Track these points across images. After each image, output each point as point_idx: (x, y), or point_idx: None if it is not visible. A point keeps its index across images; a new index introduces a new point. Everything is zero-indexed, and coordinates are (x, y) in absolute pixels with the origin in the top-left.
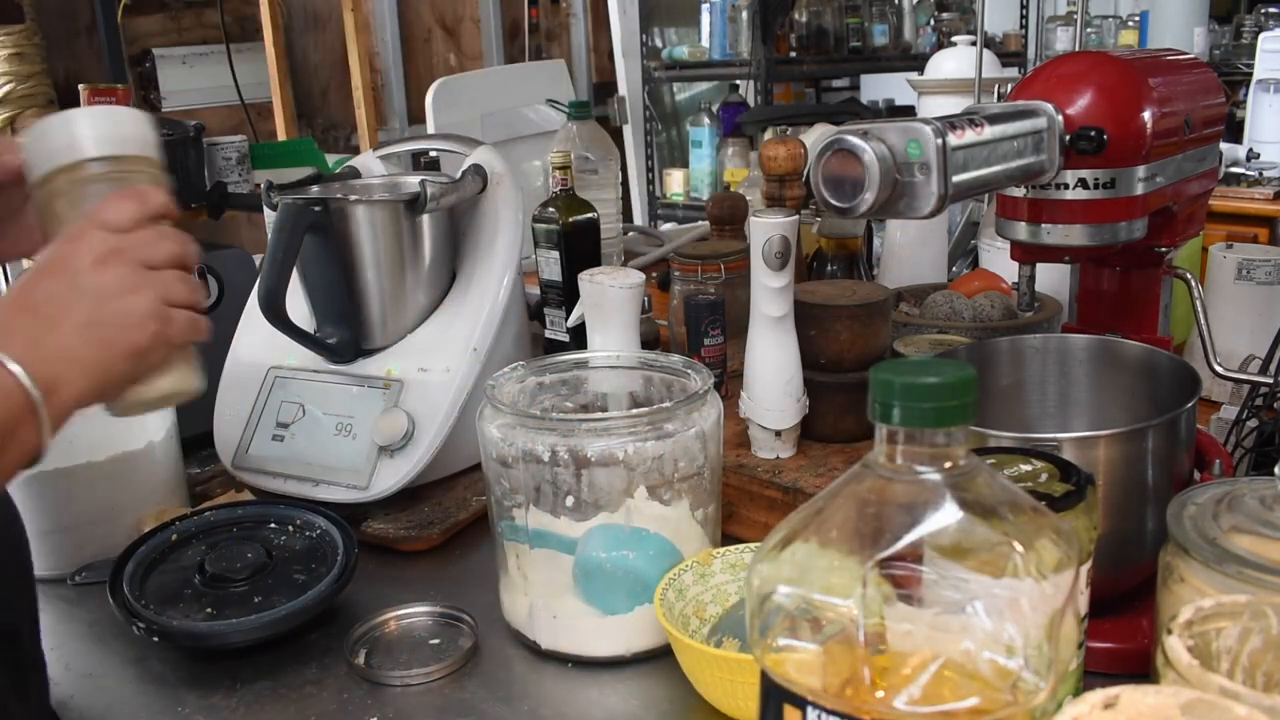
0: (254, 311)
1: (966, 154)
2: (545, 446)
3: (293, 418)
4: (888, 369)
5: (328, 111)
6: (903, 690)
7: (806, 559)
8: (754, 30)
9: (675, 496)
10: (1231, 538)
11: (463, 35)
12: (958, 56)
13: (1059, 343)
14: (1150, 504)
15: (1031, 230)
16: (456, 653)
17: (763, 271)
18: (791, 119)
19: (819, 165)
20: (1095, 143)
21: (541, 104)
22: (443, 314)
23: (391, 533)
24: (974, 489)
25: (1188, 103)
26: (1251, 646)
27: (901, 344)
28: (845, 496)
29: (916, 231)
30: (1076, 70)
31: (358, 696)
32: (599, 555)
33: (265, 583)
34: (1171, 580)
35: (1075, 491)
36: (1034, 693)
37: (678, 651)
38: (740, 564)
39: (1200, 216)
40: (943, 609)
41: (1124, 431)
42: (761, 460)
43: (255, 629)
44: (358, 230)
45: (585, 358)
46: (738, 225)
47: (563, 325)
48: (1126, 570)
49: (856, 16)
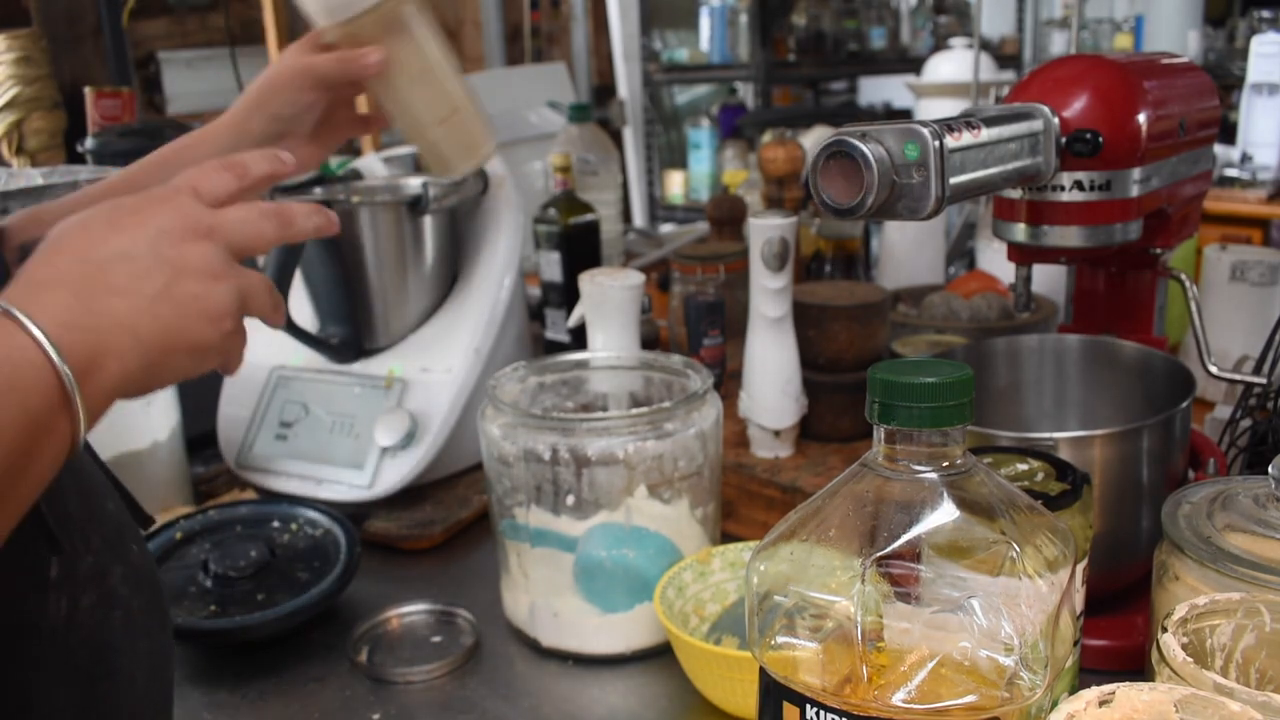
0: None
1: (964, 156)
2: (546, 446)
3: (296, 417)
4: (885, 369)
5: None
6: (900, 687)
7: (805, 557)
8: (753, 33)
9: (675, 495)
10: (1226, 536)
11: (464, 38)
12: (955, 59)
13: (1055, 343)
14: (1145, 503)
15: (1028, 232)
16: (458, 650)
17: (761, 273)
18: (790, 121)
19: (817, 167)
20: (1091, 145)
21: (542, 106)
22: (444, 314)
23: (394, 531)
24: (971, 488)
25: (1182, 105)
26: (1245, 644)
27: (899, 344)
28: (843, 495)
29: (914, 233)
30: (1072, 73)
31: (360, 693)
32: (599, 554)
33: (268, 581)
34: (1166, 578)
35: (1071, 490)
36: (1030, 690)
37: (677, 649)
38: (739, 562)
39: (1195, 218)
40: (940, 607)
41: (1119, 431)
42: (760, 459)
43: (259, 626)
44: (360, 231)
45: (586, 358)
46: (737, 226)
47: (563, 326)
48: (1122, 568)
49: (854, 20)
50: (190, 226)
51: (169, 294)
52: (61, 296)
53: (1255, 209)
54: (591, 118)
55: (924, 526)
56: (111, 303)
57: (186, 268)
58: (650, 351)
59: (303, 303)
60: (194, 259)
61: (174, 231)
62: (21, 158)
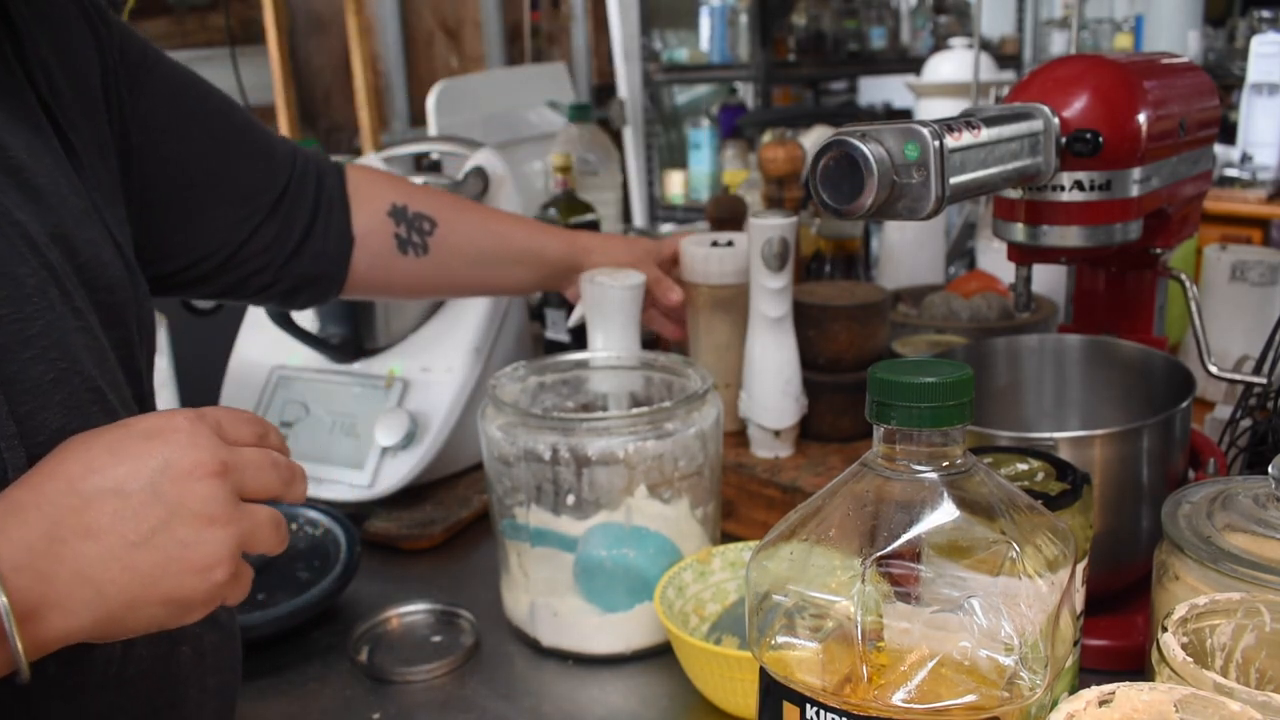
0: (258, 311)
1: (964, 156)
2: (546, 445)
3: (296, 417)
4: (886, 369)
5: (331, 114)
6: (900, 687)
7: (805, 557)
8: (753, 33)
9: (675, 495)
10: (1226, 536)
11: (464, 38)
12: (955, 59)
13: (1055, 343)
14: (1145, 503)
15: (1028, 232)
16: (458, 650)
17: (762, 273)
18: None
19: (817, 167)
20: (1091, 145)
21: (542, 106)
22: (444, 314)
23: (394, 531)
24: (971, 488)
25: (1182, 105)
26: (1245, 643)
27: (899, 344)
28: (843, 495)
29: (914, 233)
30: (1072, 73)
31: (360, 693)
32: (599, 553)
33: (269, 580)
34: (1166, 578)
35: (1071, 490)
36: (1030, 690)
37: (677, 649)
38: (739, 562)
39: (1195, 218)
40: (940, 607)
41: (1119, 431)
42: (760, 459)
43: (259, 626)
44: None
45: (586, 358)
46: (737, 226)
47: (563, 325)
48: (1122, 568)
49: (854, 20)
50: (202, 462)
51: (153, 540)
52: (29, 531)
53: (1255, 209)
54: (591, 118)
55: (924, 526)
56: (81, 548)
57: (183, 509)
58: (650, 351)
59: None
60: (195, 500)
61: (181, 466)
62: None
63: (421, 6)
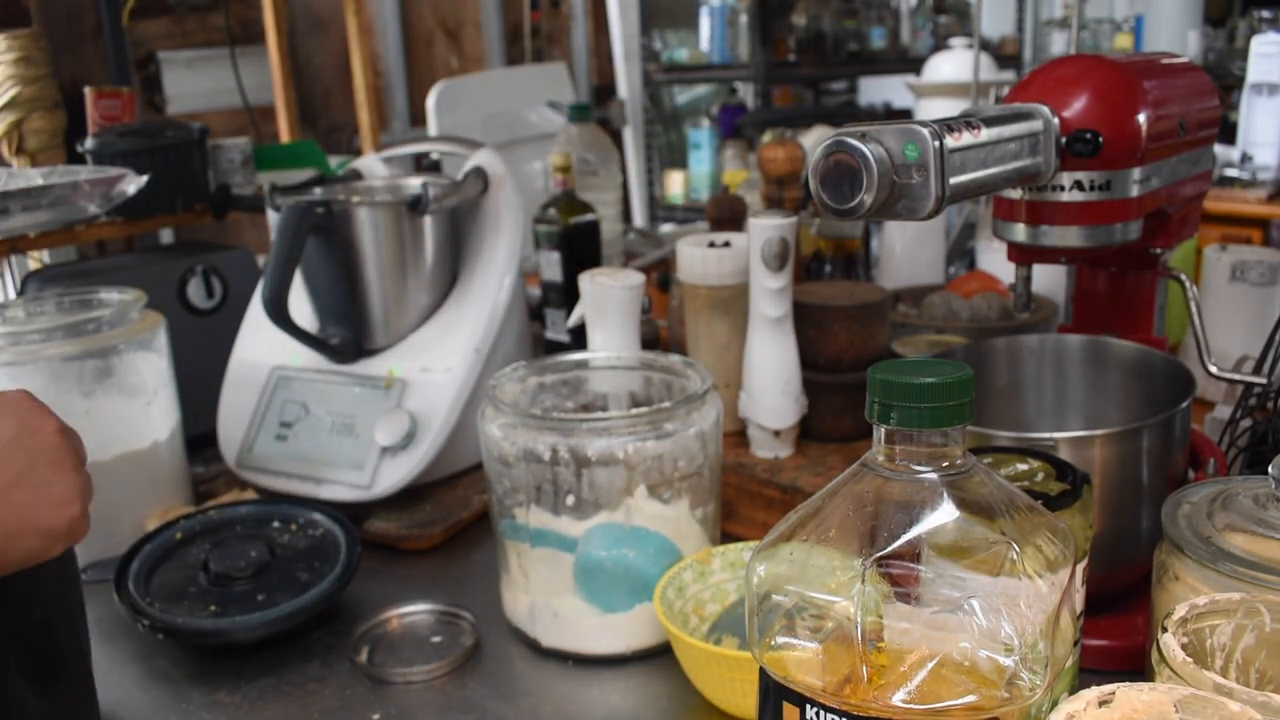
0: (257, 312)
1: (964, 156)
2: (546, 446)
3: (296, 417)
4: (886, 369)
5: (330, 114)
6: (900, 688)
7: (805, 557)
8: (753, 33)
9: (675, 495)
10: (1226, 536)
11: (464, 38)
12: (954, 59)
13: (1055, 343)
14: (1145, 503)
15: (1028, 232)
16: (458, 650)
17: (761, 273)
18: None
19: (817, 167)
20: (1091, 145)
21: (542, 106)
22: (444, 314)
23: (394, 531)
24: (971, 488)
25: (1182, 105)
26: (1245, 644)
27: (899, 344)
28: (843, 495)
29: (914, 233)
30: (1072, 73)
31: (360, 694)
32: (599, 554)
33: (269, 581)
34: (1166, 578)
35: (1071, 490)
36: (1030, 690)
37: (677, 649)
38: (739, 562)
39: (1195, 218)
40: (940, 607)
41: (1119, 431)
42: (760, 459)
43: (259, 627)
44: (360, 232)
45: (586, 358)
46: (737, 226)
47: (563, 326)
48: (1122, 568)
49: (854, 20)
50: (49, 421)
51: (23, 481)
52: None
53: (1255, 209)
54: (591, 118)
55: (924, 526)
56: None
57: (42, 456)
58: (650, 351)
59: (303, 303)
60: (50, 449)
61: (34, 424)
62: (21, 158)
63: (421, 6)
